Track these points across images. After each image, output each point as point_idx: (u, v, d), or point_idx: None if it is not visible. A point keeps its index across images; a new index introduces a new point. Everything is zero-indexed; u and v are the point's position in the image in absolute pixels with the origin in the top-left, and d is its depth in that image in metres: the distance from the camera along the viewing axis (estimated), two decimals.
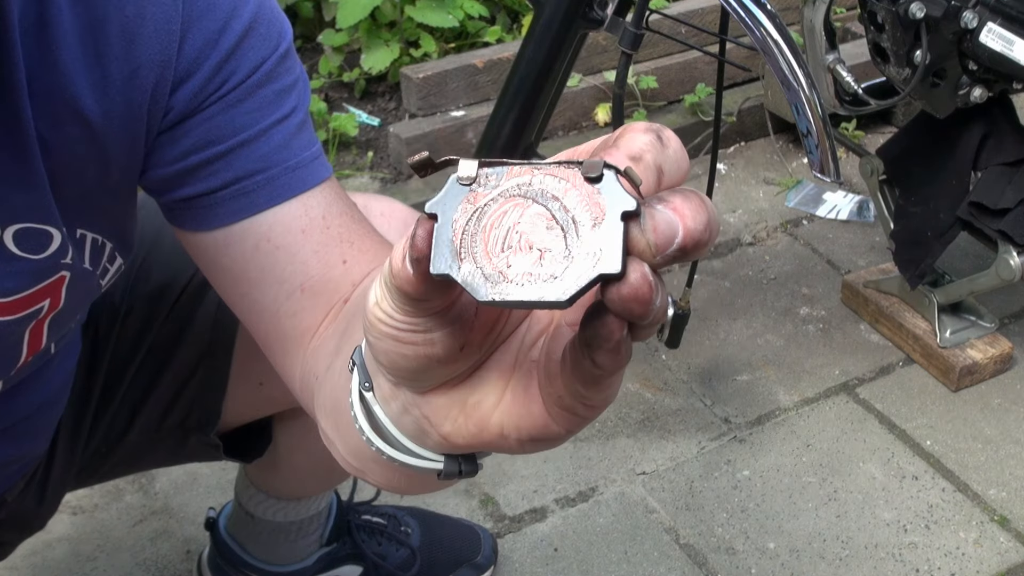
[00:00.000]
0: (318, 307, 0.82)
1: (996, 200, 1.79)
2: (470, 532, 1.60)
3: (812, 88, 1.55)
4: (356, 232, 0.85)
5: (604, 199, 0.44)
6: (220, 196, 0.83)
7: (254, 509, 1.43)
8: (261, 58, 0.82)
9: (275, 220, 0.83)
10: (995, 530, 1.70)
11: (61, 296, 0.88)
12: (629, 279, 0.43)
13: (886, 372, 1.99)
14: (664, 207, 0.45)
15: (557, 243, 0.44)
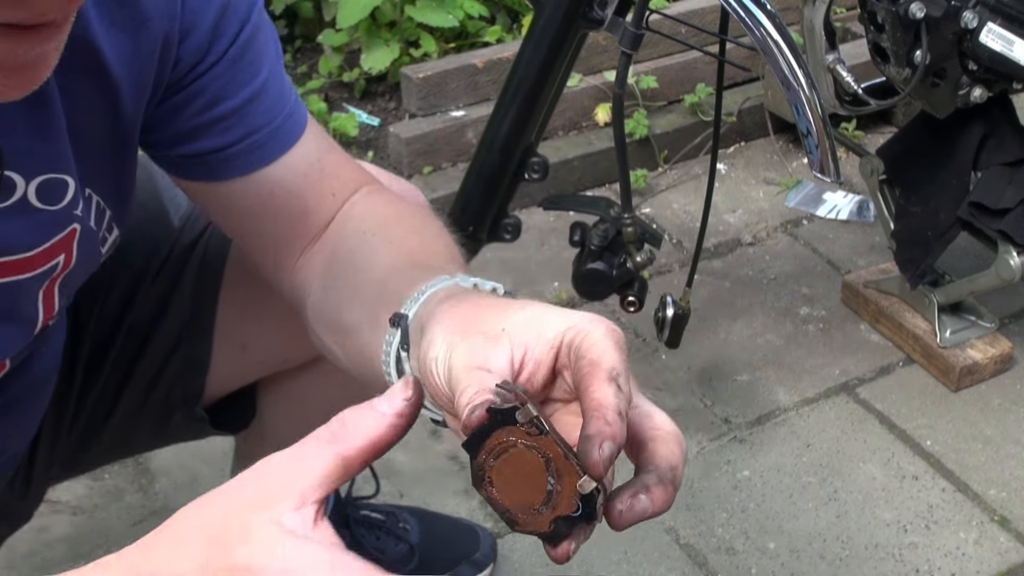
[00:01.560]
0: (309, 233, 0.97)
1: (996, 200, 1.79)
2: (469, 530, 1.60)
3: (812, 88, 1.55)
4: (338, 164, 0.99)
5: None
6: (234, 150, 0.92)
7: None
8: (246, 12, 0.88)
9: (284, 167, 0.94)
10: (995, 530, 1.70)
11: (73, 252, 0.90)
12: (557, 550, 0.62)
13: (886, 372, 1.99)
14: (645, 496, 0.63)
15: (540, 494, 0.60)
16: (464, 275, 0.81)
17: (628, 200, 1.64)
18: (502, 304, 0.72)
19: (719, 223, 2.34)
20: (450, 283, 0.79)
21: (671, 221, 2.37)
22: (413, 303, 0.78)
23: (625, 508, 0.63)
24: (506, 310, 0.70)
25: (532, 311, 0.70)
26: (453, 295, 0.76)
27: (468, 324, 0.70)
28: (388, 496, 1.64)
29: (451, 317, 0.72)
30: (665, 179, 2.49)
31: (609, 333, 0.66)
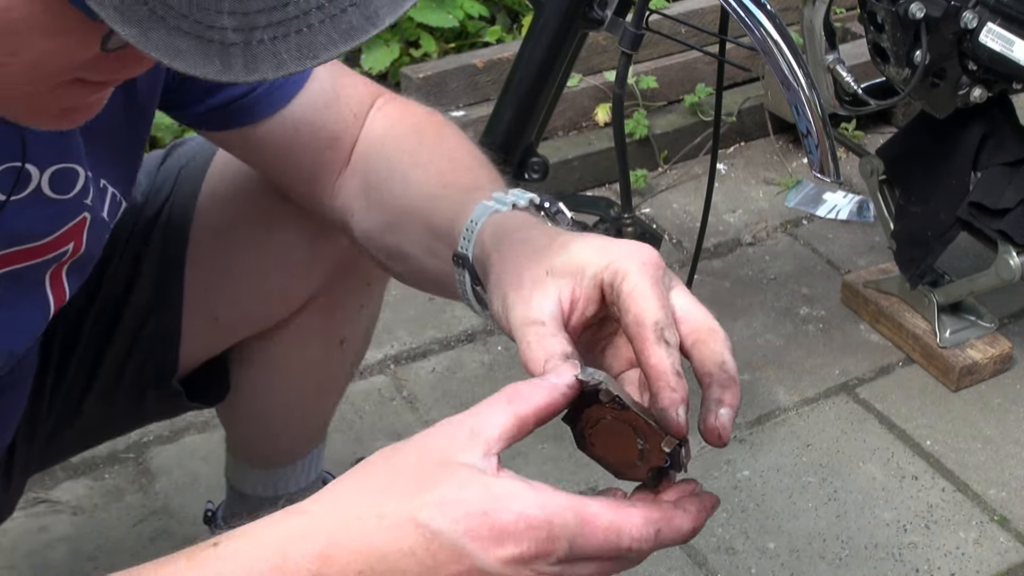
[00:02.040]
0: (339, 159, 1.02)
1: (996, 200, 1.79)
2: None
3: (812, 88, 1.55)
4: (351, 85, 1.03)
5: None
6: (257, 95, 0.96)
7: (243, 486, 1.43)
8: None
9: (303, 102, 0.99)
10: (995, 530, 1.71)
11: (83, 240, 0.91)
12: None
13: (886, 372, 1.99)
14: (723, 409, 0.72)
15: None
16: (499, 191, 0.87)
17: (628, 200, 1.64)
18: (543, 244, 0.78)
19: (719, 223, 2.34)
20: (491, 210, 0.84)
21: (671, 221, 2.37)
22: (467, 242, 0.84)
23: (718, 426, 0.71)
24: (547, 251, 0.77)
25: (571, 251, 0.76)
26: (498, 234, 0.82)
27: (515, 273, 0.77)
28: None
29: (500, 266, 0.79)
30: (665, 179, 2.49)
31: (644, 270, 0.74)
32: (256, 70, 0.56)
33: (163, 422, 1.82)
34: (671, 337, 0.72)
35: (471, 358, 1.98)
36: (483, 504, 0.62)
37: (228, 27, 0.55)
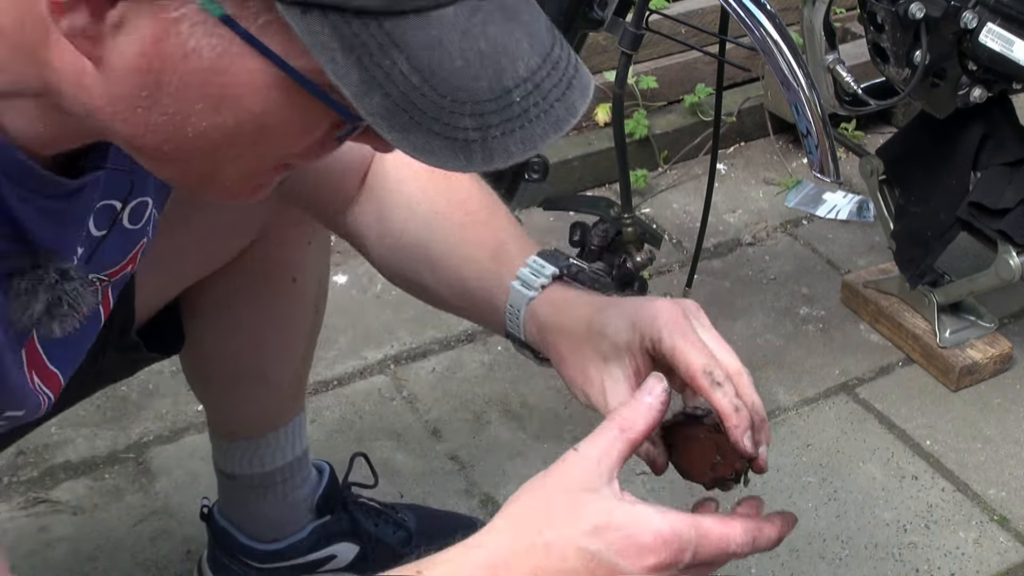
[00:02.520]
0: (352, 187, 1.10)
1: (996, 200, 1.79)
2: (468, 523, 1.60)
3: (812, 88, 1.55)
4: None
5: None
6: None
7: (231, 466, 1.43)
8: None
9: None
10: (995, 530, 1.71)
11: (137, 261, 0.97)
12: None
13: (886, 372, 1.99)
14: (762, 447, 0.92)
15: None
16: (522, 264, 1.02)
17: (628, 200, 1.64)
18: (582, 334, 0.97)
19: (719, 223, 2.34)
20: (527, 298, 1.01)
21: (671, 221, 2.37)
22: (515, 327, 1.03)
23: (760, 463, 0.91)
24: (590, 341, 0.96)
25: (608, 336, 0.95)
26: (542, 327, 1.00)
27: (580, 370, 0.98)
28: (388, 496, 1.64)
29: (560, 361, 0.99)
30: (665, 179, 2.49)
31: (673, 329, 0.94)
32: (491, 161, 0.67)
33: (163, 422, 1.82)
34: (719, 376, 0.91)
35: (471, 358, 1.98)
36: (628, 528, 0.80)
37: (469, 127, 0.66)
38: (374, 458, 1.55)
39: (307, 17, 0.62)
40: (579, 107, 0.69)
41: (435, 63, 0.64)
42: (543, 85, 0.68)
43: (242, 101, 0.67)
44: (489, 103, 0.66)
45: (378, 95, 0.64)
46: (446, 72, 0.65)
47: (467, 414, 1.82)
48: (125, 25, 0.65)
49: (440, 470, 1.76)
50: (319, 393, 1.89)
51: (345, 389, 1.90)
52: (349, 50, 0.63)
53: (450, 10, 0.65)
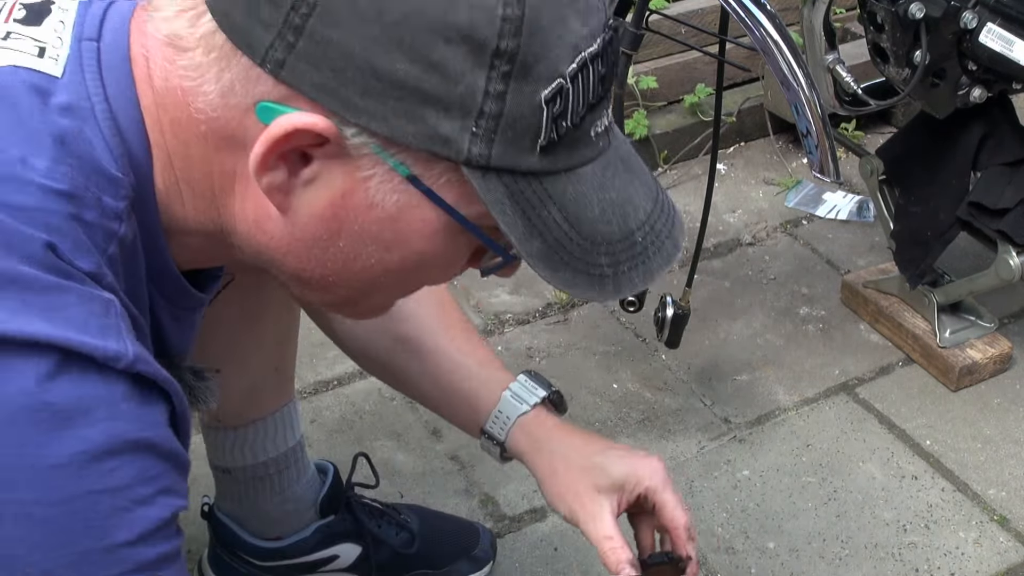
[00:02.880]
0: None
1: (996, 200, 1.79)
2: (469, 527, 1.60)
3: (812, 88, 1.55)
4: None
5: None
6: None
7: (223, 459, 1.43)
8: None
9: None
10: (995, 530, 1.71)
11: None
12: None
13: (886, 372, 2.00)
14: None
15: None
16: (522, 374, 1.24)
17: None
18: (581, 463, 1.18)
19: (719, 223, 2.34)
20: (519, 411, 1.22)
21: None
22: (501, 430, 1.22)
23: None
24: (590, 471, 1.17)
25: (608, 471, 1.17)
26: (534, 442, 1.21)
27: (573, 492, 1.18)
28: (388, 496, 1.64)
29: (552, 480, 1.19)
30: (665, 179, 2.49)
31: (665, 486, 1.17)
32: (620, 292, 0.80)
33: None
34: (694, 533, 1.18)
35: None
36: None
37: (604, 264, 0.79)
38: (374, 458, 1.55)
39: (486, 178, 0.74)
40: (680, 242, 0.83)
41: (579, 212, 0.77)
42: (656, 226, 0.81)
43: (411, 243, 0.79)
44: (619, 243, 0.79)
45: (538, 241, 0.76)
46: (587, 220, 0.77)
47: None
48: (317, 180, 0.76)
49: (440, 470, 1.77)
50: (319, 393, 1.89)
51: (345, 389, 1.90)
52: (516, 203, 0.75)
53: (589, 168, 0.78)
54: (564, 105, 0.74)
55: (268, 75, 0.73)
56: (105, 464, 0.71)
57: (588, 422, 1.85)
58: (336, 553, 1.51)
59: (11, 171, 0.72)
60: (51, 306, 0.70)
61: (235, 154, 0.77)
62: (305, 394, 1.86)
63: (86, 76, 0.77)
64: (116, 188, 0.76)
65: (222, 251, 0.86)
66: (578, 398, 1.89)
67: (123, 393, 0.73)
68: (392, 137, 0.73)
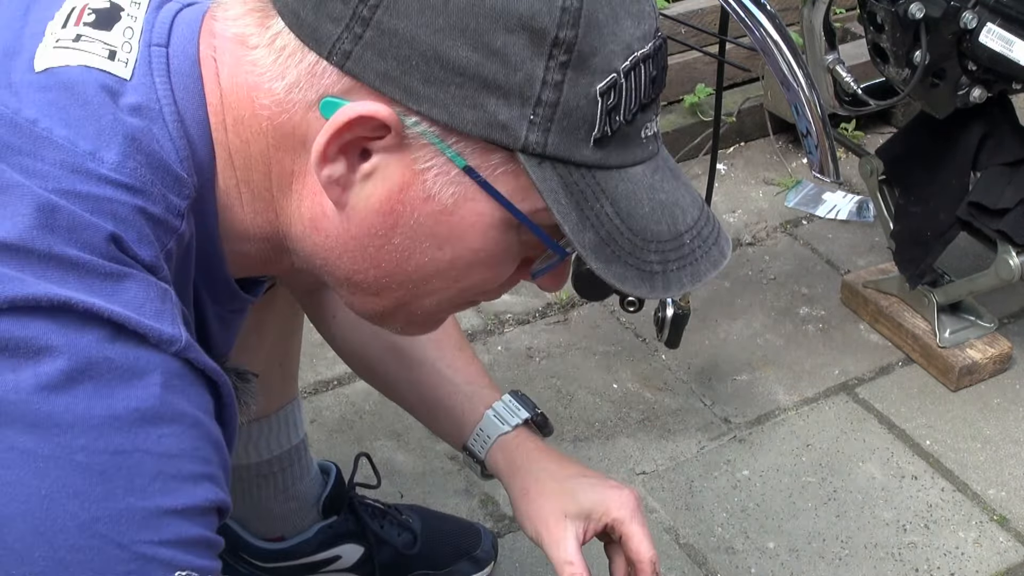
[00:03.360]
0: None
1: (995, 200, 1.79)
2: (470, 527, 1.60)
3: (812, 88, 1.55)
4: None
5: None
6: None
7: None
8: None
9: None
10: (995, 530, 1.71)
11: None
12: None
13: (886, 372, 2.00)
14: None
15: None
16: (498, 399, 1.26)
17: None
18: (555, 488, 1.19)
19: None
20: (500, 431, 1.24)
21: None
22: (481, 448, 1.25)
23: None
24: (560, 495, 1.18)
25: (578, 498, 1.18)
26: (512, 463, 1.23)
27: (540, 517, 1.18)
28: (389, 496, 1.65)
29: (524, 502, 1.20)
30: None
31: (634, 518, 1.18)
32: (668, 290, 0.81)
33: None
34: (659, 568, 1.19)
35: None
36: None
37: (654, 261, 0.80)
38: (374, 458, 1.55)
39: (542, 167, 0.76)
40: (727, 252, 0.85)
41: (631, 209, 0.79)
42: (703, 232, 0.83)
43: (465, 238, 0.80)
44: (668, 243, 0.81)
45: (591, 232, 0.78)
46: (638, 216, 0.79)
47: None
48: (375, 174, 0.78)
49: (440, 470, 1.77)
50: (319, 393, 1.89)
51: (345, 389, 1.90)
52: (570, 194, 0.77)
53: (639, 168, 0.80)
54: (618, 100, 0.76)
55: (334, 68, 0.75)
56: (159, 428, 0.71)
57: (588, 422, 1.85)
58: (338, 554, 1.51)
59: (82, 163, 0.73)
60: (110, 290, 0.72)
61: (295, 152, 0.79)
62: (305, 394, 1.86)
63: (155, 79, 0.79)
64: (180, 187, 0.78)
65: (277, 259, 0.88)
66: (578, 398, 1.89)
67: (177, 369, 0.74)
68: (452, 124, 0.74)
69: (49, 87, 0.76)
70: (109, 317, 0.70)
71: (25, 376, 0.67)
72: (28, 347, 0.68)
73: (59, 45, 0.78)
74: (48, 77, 0.76)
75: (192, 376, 0.76)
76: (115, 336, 0.70)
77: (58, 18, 0.80)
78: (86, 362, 0.69)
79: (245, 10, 0.79)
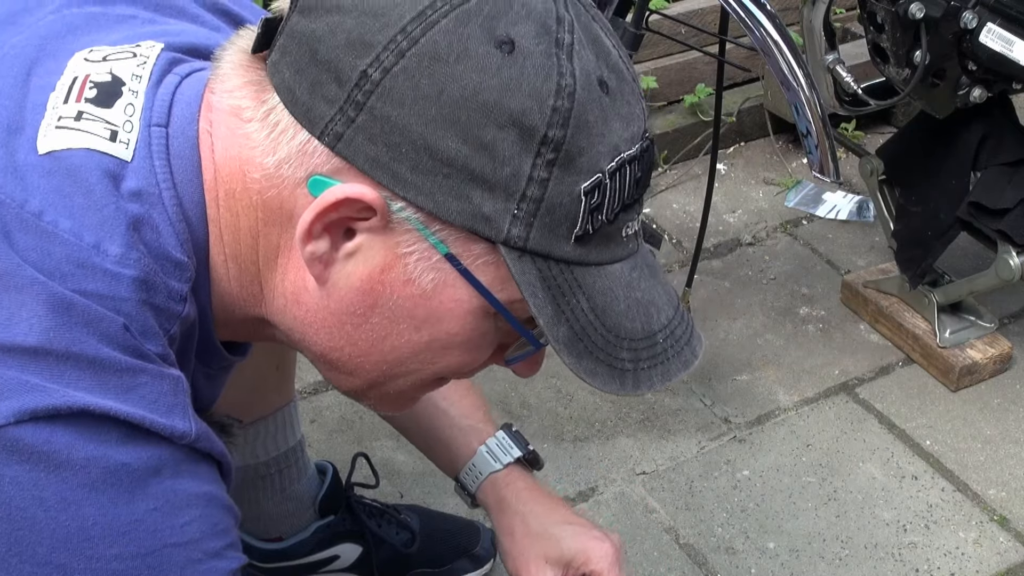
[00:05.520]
0: None
1: (996, 200, 1.79)
2: (469, 525, 1.60)
3: (812, 88, 1.55)
4: None
5: None
6: None
7: None
8: None
9: None
10: (995, 530, 1.71)
11: None
12: None
13: (886, 372, 2.00)
14: None
15: None
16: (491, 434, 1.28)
17: None
18: (538, 530, 1.22)
19: (719, 223, 2.34)
20: (491, 469, 1.27)
21: (671, 221, 2.37)
22: (472, 483, 1.29)
23: None
24: (542, 539, 1.22)
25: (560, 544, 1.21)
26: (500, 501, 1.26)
27: (523, 558, 1.22)
28: (388, 496, 1.64)
29: (508, 541, 1.24)
30: (665, 179, 2.49)
31: (612, 569, 1.19)
32: (638, 388, 0.82)
33: None
34: None
35: None
36: None
37: (625, 359, 0.81)
38: (374, 458, 1.55)
39: (521, 260, 0.77)
40: (699, 352, 0.85)
41: (607, 305, 0.80)
42: (676, 332, 0.84)
43: (442, 322, 0.81)
44: (641, 341, 0.82)
45: (565, 327, 0.79)
46: (613, 314, 0.80)
47: None
48: (357, 254, 0.79)
49: (440, 470, 1.76)
50: (319, 393, 1.89)
51: None
52: (547, 288, 0.78)
53: (618, 266, 0.81)
54: (601, 199, 0.77)
55: (324, 148, 0.76)
56: (179, 518, 0.77)
57: (588, 422, 1.85)
58: (337, 553, 1.51)
59: (86, 257, 0.75)
60: (125, 387, 0.75)
61: (282, 227, 0.81)
62: (305, 394, 1.86)
63: (155, 163, 0.80)
64: (181, 272, 0.80)
65: (261, 330, 0.89)
66: (578, 398, 1.89)
67: (184, 455, 0.78)
68: (436, 213, 0.76)
69: (53, 172, 0.77)
70: (125, 419, 0.74)
71: (50, 493, 0.72)
72: (51, 460, 0.72)
73: (61, 125, 0.79)
74: (52, 162, 0.77)
75: (199, 456, 0.80)
76: (130, 437, 0.74)
77: (59, 90, 0.81)
78: (105, 472, 0.73)
79: (242, 83, 0.80)
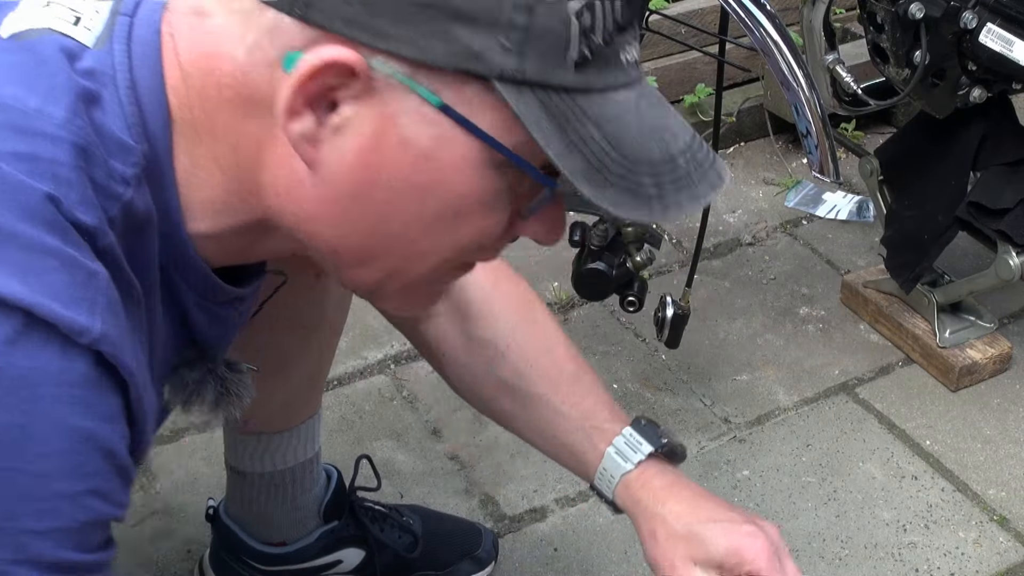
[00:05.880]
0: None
1: (995, 200, 1.79)
2: (471, 528, 1.60)
3: (812, 88, 1.55)
4: None
5: None
6: None
7: (241, 463, 1.42)
8: None
9: None
10: (994, 530, 1.71)
11: None
12: None
13: (886, 372, 2.00)
14: None
15: None
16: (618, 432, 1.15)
17: None
18: (681, 531, 1.09)
19: (719, 223, 2.34)
20: (623, 470, 1.14)
21: (671, 221, 2.37)
22: (607, 488, 1.15)
23: None
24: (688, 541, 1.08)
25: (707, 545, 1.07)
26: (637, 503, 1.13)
27: (670, 562, 1.09)
28: (389, 497, 1.65)
29: (652, 544, 1.11)
30: None
31: (771, 567, 1.05)
32: (666, 213, 0.77)
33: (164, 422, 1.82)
34: None
35: None
36: None
37: (648, 184, 0.76)
38: (374, 458, 1.55)
39: (520, 93, 0.72)
40: (724, 175, 0.81)
41: (618, 132, 0.75)
42: (697, 156, 0.79)
43: (448, 185, 0.76)
44: (662, 165, 0.77)
45: (578, 157, 0.74)
46: (626, 140, 0.76)
47: (467, 414, 1.82)
48: (346, 127, 0.74)
49: (440, 470, 1.77)
50: None
51: (345, 389, 1.90)
52: (552, 119, 0.73)
53: (623, 93, 0.77)
54: (593, 21, 0.73)
55: (295, 21, 0.72)
56: (36, 445, 0.69)
57: None
58: (340, 558, 1.51)
59: (25, 121, 0.71)
60: (32, 268, 0.69)
61: (261, 118, 0.76)
62: None
63: (115, 47, 0.77)
64: (126, 154, 0.75)
65: (259, 243, 0.85)
66: None
67: (79, 375, 0.71)
68: (423, 60, 0.72)
69: (11, 50, 0.75)
70: (15, 303, 0.67)
71: None
72: None
73: (27, 12, 0.77)
74: (12, 42, 0.76)
75: (98, 380, 0.72)
76: (23, 331, 0.68)
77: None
78: None
79: None
